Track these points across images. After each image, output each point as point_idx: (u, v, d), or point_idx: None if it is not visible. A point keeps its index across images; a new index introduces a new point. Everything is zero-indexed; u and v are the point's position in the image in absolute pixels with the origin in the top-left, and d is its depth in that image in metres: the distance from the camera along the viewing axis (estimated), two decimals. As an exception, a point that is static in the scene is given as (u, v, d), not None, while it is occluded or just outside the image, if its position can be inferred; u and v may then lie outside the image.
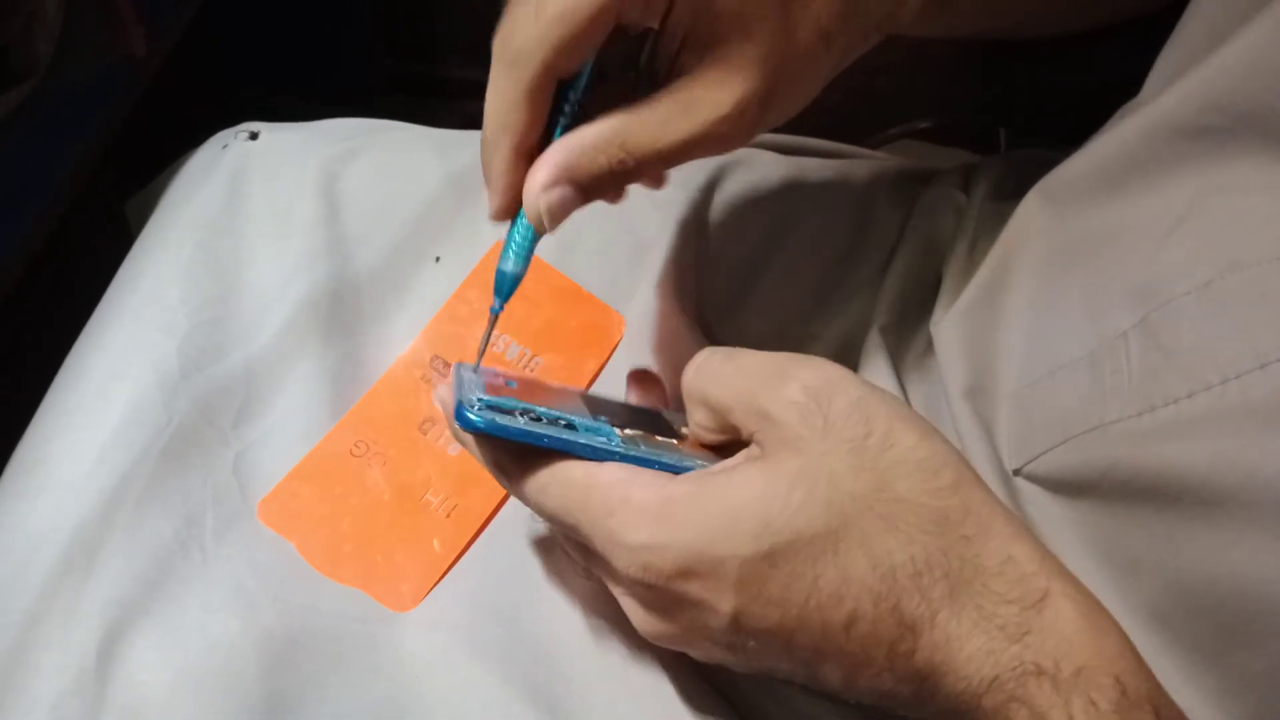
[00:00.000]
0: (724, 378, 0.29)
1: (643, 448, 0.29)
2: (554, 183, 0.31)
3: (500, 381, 0.33)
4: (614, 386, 0.42)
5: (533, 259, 0.34)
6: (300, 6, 0.84)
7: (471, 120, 0.36)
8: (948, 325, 0.40)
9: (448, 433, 0.41)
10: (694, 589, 0.26)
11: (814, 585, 0.25)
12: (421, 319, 0.43)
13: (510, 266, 0.34)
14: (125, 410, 0.36)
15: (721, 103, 0.32)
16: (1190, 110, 0.31)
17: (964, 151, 0.62)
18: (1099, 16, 0.46)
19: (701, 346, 0.42)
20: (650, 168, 0.32)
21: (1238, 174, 0.30)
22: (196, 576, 0.34)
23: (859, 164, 0.51)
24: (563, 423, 0.29)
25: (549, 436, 0.28)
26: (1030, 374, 0.34)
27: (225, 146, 0.47)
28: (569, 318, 0.45)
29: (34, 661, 0.31)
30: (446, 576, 0.37)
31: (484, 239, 0.45)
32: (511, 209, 0.33)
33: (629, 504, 0.27)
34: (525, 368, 0.43)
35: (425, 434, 0.40)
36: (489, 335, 0.35)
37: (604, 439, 0.29)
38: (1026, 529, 0.26)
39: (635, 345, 0.43)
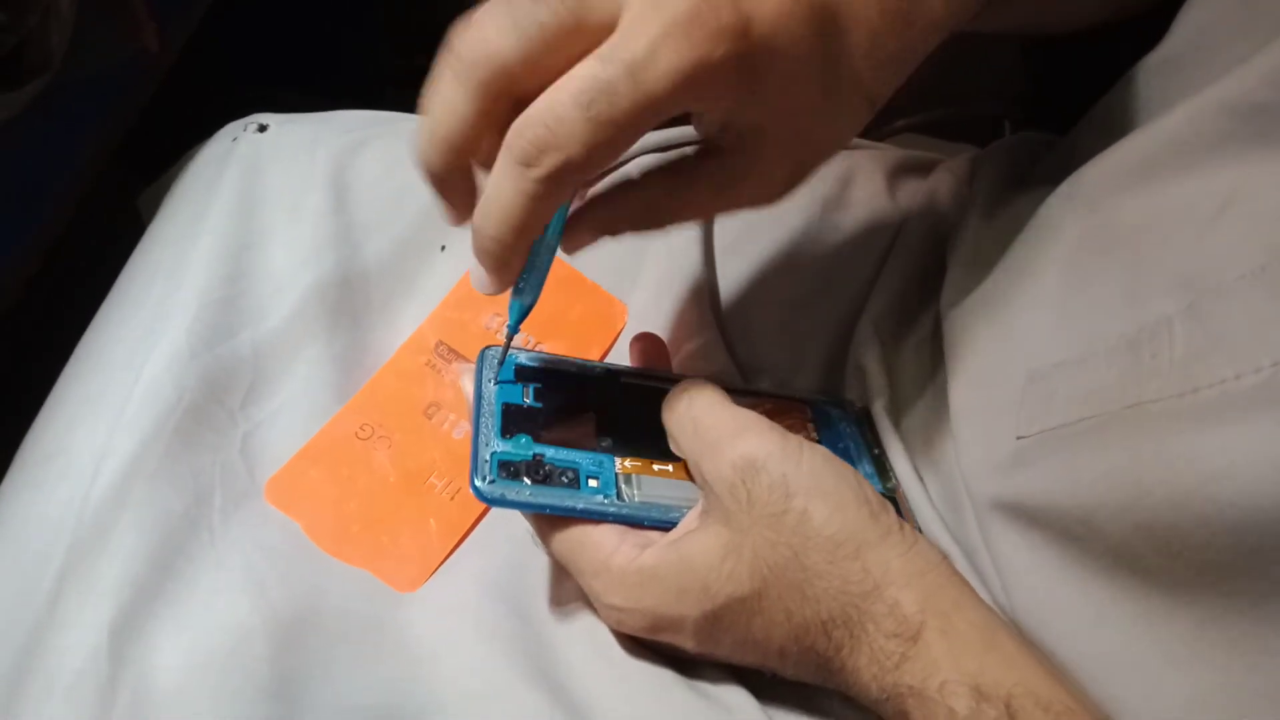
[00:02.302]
0: (682, 432, 0.34)
1: (637, 495, 0.35)
2: (591, 240, 0.35)
3: (529, 363, 0.38)
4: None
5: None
6: (308, 3, 0.85)
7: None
8: (961, 310, 0.40)
9: (452, 417, 0.41)
10: (661, 636, 0.33)
11: (748, 631, 0.32)
12: (427, 307, 0.44)
13: (527, 299, 0.35)
14: (137, 392, 0.37)
15: (764, 181, 0.33)
16: (1247, 85, 0.30)
17: (968, 145, 0.62)
18: (1120, 10, 0.45)
19: (712, 331, 0.43)
20: (683, 222, 0.35)
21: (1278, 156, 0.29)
22: (206, 556, 0.34)
23: (862, 155, 0.52)
24: (566, 479, 0.34)
25: (550, 506, 0.34)
26: (1057, 355, 0.34)
27: (235, 139, 0.48)
28: (573, 306, 0.45)
29: (51, 642, 0.32)
30: (451, 558, 0.38)
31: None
32: (507, 288, 0.33)
33: (609, 571, 0.33)
34: (530, 354, 0.44)
35: (430, 418, 0.41)
36: (506, 350, 0.37)
37: (600, 498, 0.34)
38: (919, 574, 0.30)
39: (639, 331, 0.44)
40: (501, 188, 0.29)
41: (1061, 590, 0.32)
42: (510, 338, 0.37)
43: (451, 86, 0.29)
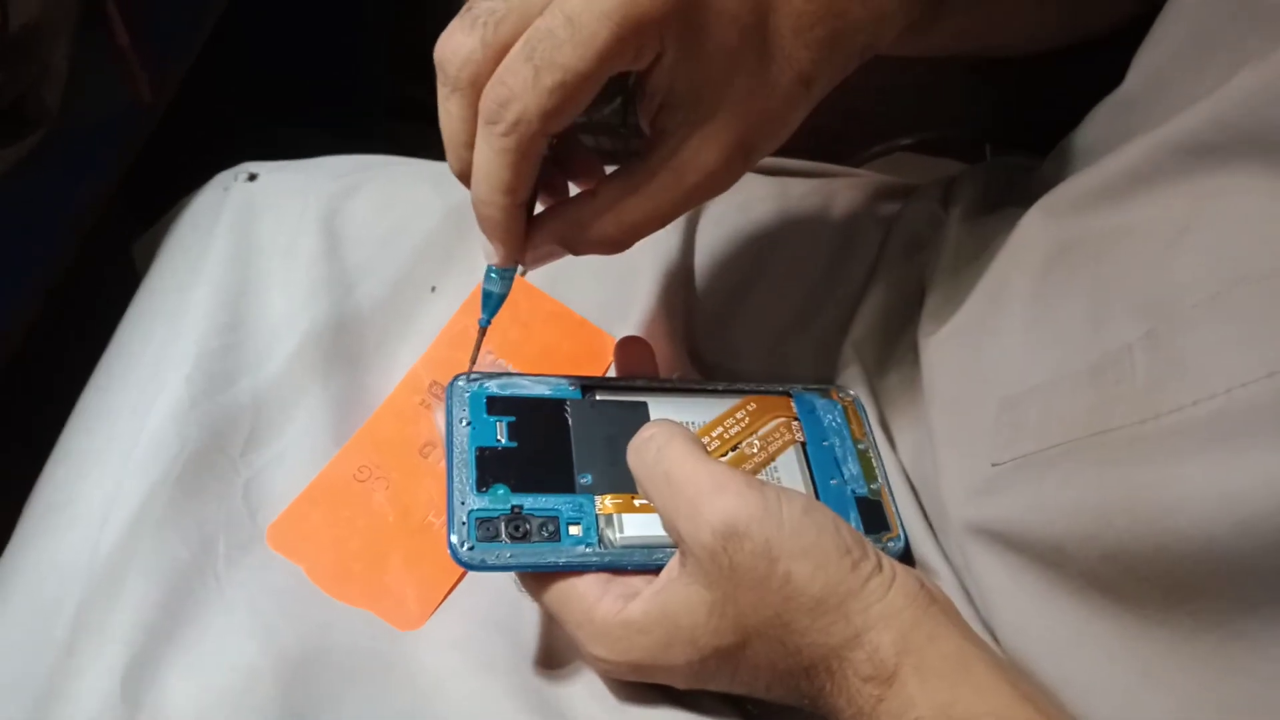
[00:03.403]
0: (653, 486, 0.34)
1: (618, 538, 0.35)
2: (551, 254, 0.36)
3: (500, 393, 0.39)
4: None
5: (526, 285, 0.37)
6: (302, 40, 0.86)
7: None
8: (938, 338, 0.42)
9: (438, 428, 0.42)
10: (649, 679, 0.34)
11: (734, 674, 0.33)
12: (421, 347, 0.45)
13: (497, 288, 0.37)
14: (142, 441, 0.38)
15: (707, 163, 0.34)
16: (1196, 125, 0.32)
17: (951, 161, 0.64)
18: (1073, 34, 0.47)
19: (686, 370, 0.44)
20: (644, 233, 0.35)
21: (1236, 187, 0.31)
22: (213, 601, 0.35)
23: (840, 183, 0.53)
24: (546, 531, 0.35)
25: (532, 565, 0.34)
26: (1026, 382, 0.35)
27: (226, 189, 0.49)
28: (562, 340, 0.47)
29: (67, 689, 0.33)
30: (451, 594, 0.39)
31: (479, 269, 0.46)
32: (516, 258, 0.35)
33: (594, 624, 0.34)
34: (521, 390, 0.45)
35: (426, 457, 0.42)
36: (479, 346, 0.39)
37: (582, 548, 0.35)
38: (897, 613, 0.31)
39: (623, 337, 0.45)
40: (481, 153, 0.32)
41: (1039, 612, 0.33)
42: (481, 336, 0.38)
43: (447, 99, 0.32)
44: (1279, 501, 0.25)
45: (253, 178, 0.49)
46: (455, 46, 0.31)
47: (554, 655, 0.37)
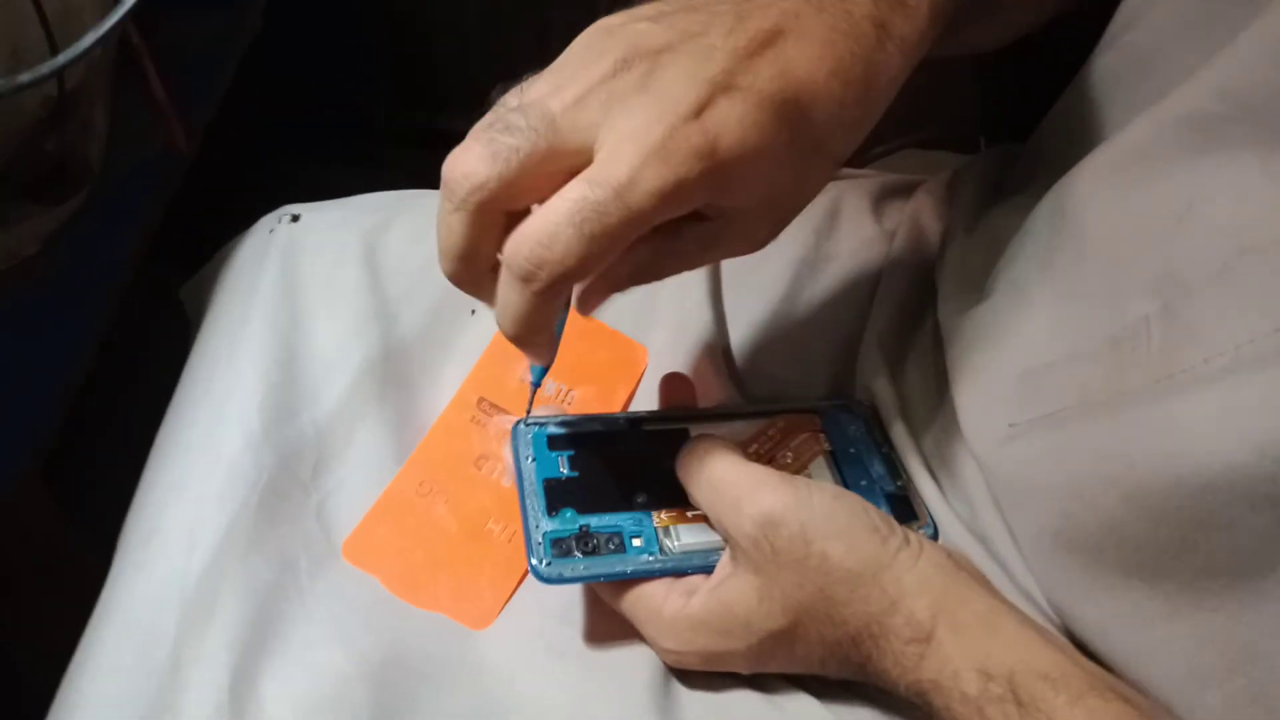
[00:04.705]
0: (700, 493, 0.38)
1: (676, 546, 0.39)
2: (601, 301, 0.38)
3: (557, 432, 0.43)
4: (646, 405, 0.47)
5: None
6: (307, 77, 0.89)
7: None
8: (957, 322, 0.44)
9: (500, 466, 0.45)
10: (715, 667, 0.38)
11: (790, 654, 0.36)
12: (466, 367, 0.48)
13: (538, 375, 0.41)
14: (220, 473, 0.41)
15: (746, 243, 0.37)
16: (1200, 98, 0.34)
17: (949, 155, 0.66)
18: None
19: (722, 376, 0.47)
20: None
21: (1235, 163, 0.33)
22: (298, 615, 0.38)
23: (847, 185, 0.56)
24: (613, 545, 0.39)
25: (604, 574, 0.38)
26: (1048, 358, 0.38)
27: (272, 230, 0.52)
28: (596, 352, 0.49)
29: (176, 704, 0.36)
30: (516, 594, 0.42)
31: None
32: (552, 359, 0.39)
33: (662, 619, 0.37)
34: (563, 401, 0.48)
35: (480, 469, 0.45)
36: (532, 398, 0.42)
37: (646, 557, 0.38)
38: (928, 581, 0.34)
39: (660, 371, 0.48)
40: (509, 300, 0.33)
41: (1065, 563, 0.36)
42: (533, 394, 0.42)
43: (449, 213, 0.33)
44: None
45: (295, 218, 0.52)
46: (469, 171, 0.32)
47: (619, 640, 0.40)
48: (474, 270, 0.34)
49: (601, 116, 0.31)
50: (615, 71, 0.32)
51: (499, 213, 0.32)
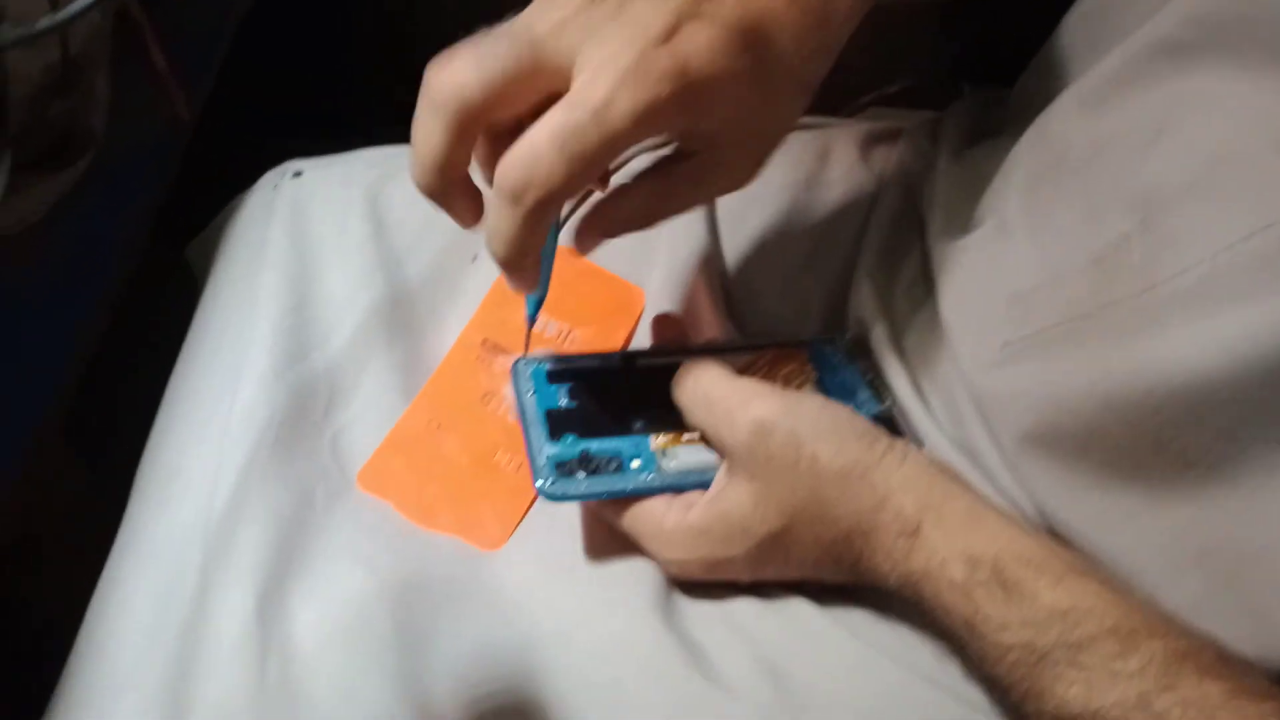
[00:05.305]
0: (696, 409, 0.40)
1: (673, 465, 0.40)
2: (597, 243, 0.40)
3: (556, 367, 0.44)
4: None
5: (560, 248, 0.41)
6: (297, 55, 0.90)
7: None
8: (944, 248, 0.46)
9: (506, 403, 0.47)
10: (717, 574, 0.39)
11: (787, 556, 0.38)
12: (469, 310, 0.50)
13: (537, 294, 0.42)
14: (237, 413, 0.43)
15: (729, 178, 0.39)
16: (1170, 25, 0.35)
17: (930, 111, 0.68)
18: None
19: (719, 312, 0.48)
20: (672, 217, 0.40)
21: (1205, 85, 0.34)
22: (319, 542, 0.40)
23: (835, 132, 0.57)
24: (613, 466, 0.40)
25: (605, 492, 0.40)
26: (1033, 281, 0.39)
27: (276, 186, 0.54)
28: (595, 295, 0.51)
29: (208, 623, 0.37)
30: (525, 519, 0.43)
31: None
32: (542, 288, 0.41)
33: (664, 532, 0.39)
34: (564, 342, 0.50)
35: (486, 405, 0.47)
36: (529, 336, 0.44)
37: (645, 476, 0.40)
38: (914, 479, 0.36)
39: (657, 312, 0.49)
40: (499, 220, 0.34)
41: (1043, 471, 0.37)
42: (530, 327, 0.43)
43: (428, 120, 0.34)
44: (1267, 339, 0.30)
45: (298, 174, 0.54)
46: (452, 73, 0.33)
47: (622, 557, 0.41)
48: (445, 180, 0.35)
49: (580, 41, 0.33)
50: (592, 1, 0.34)
51: (476, 124, 0.34)
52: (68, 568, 0.55)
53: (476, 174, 0.37)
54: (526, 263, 0.36)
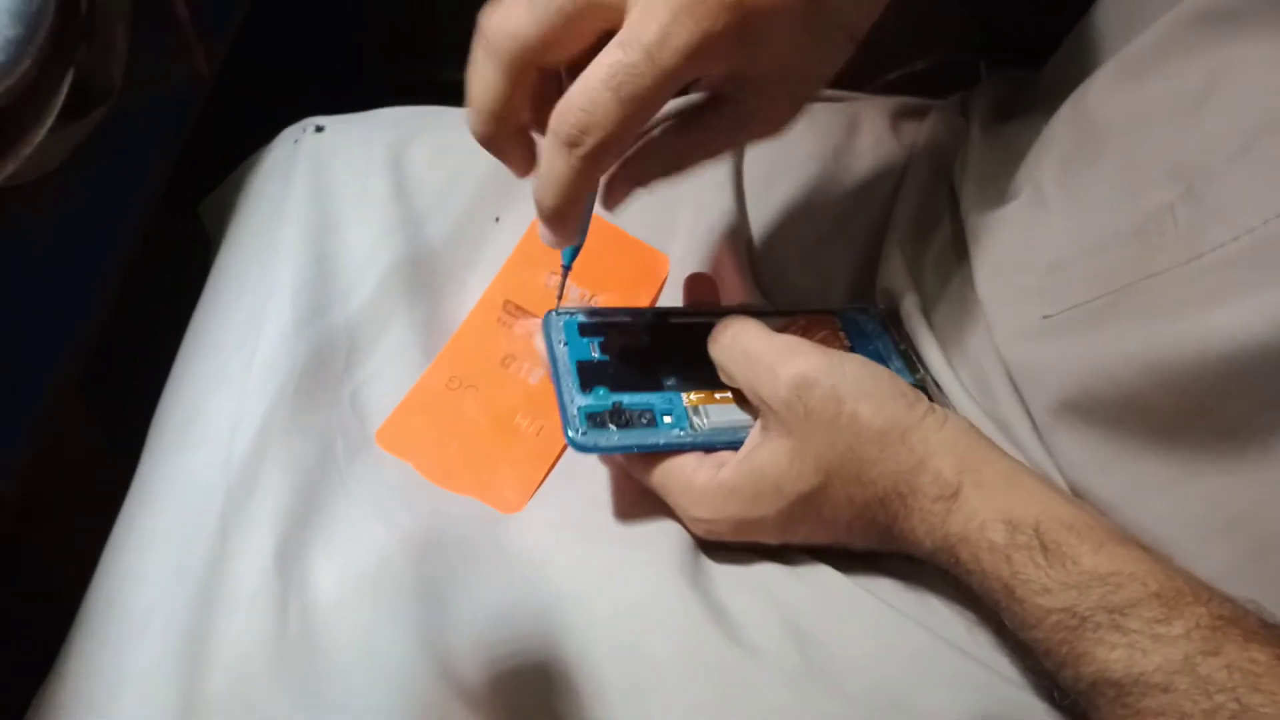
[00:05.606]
0: (734, 364, 0.39)
1: (705, 423, 0.40)
2: (627, 194, 0.40)
3: (589, 320, 0.43)
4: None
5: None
6: (315, 24, 0.89)
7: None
8: (979, 217, 0.45)
9: (526, 366, 0.46)
10: (745, 536, 0.39)
11: (819, 517, 0.37)
12: (491, 271, 0.49)
13: (576, 242, 0.41)
14: (257, 364, 0.42)
15: (765, 122, 0.38)
16: None
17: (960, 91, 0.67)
18: None
19: (746, 278, 0.48)
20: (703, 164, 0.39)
21: (1249, 52, 0.34)
22: (339, 493, 0.39)
23: (863, 104, 0.57)
24: (645, 420, 0.40)
25: (636, 445, 0.39)
26: (1072, 251, 0.39)
27: (296, 140, 0.53)
28: (620, 260, 0.50)
29: (227, 570, 0.37)
30: (544, 483, 0.43)
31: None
32: (581, 240, 0.40)
33: (694, 490, 0.38)
34: (587, 304, 0.49)
35: (507, 368, 0.46)
36: (564, 285, 0.43)
37: (677, 431, 0.39)
38: (953, 443, 0.35)
39: (682, 278, 0.49)
40: (554, 166, 0.34)
41: (1080, 441, 0.37)
42: (564, 275, 0.42)
43: (484, 64, 0.34)
44: None
45: (319, 129, 0.53)
46: (507, 16, 0.33)
47: (648, 518, 0.41)
48: (503, 127, 0.35)
49: None
50: None
51: (532, 67, 0.34)
52: (84, 522, 0.54)
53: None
54: (573, 211, 0.35)
